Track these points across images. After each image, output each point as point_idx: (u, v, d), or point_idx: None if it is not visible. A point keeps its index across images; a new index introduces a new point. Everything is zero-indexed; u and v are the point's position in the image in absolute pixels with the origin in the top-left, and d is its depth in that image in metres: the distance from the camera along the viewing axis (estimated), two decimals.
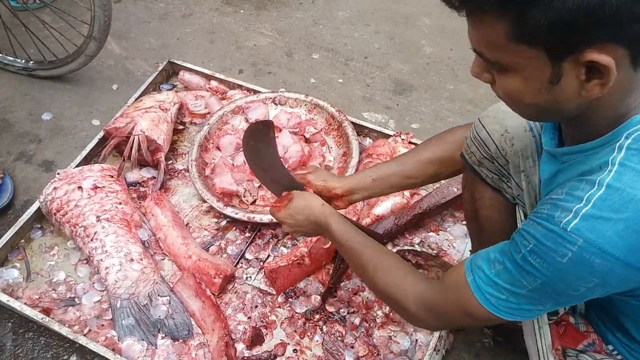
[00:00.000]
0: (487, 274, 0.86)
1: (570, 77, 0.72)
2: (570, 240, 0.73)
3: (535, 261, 0.77)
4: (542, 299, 0.82)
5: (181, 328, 1.47)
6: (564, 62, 0.70)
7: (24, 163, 1.93)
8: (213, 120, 1.91)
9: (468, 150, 1.18)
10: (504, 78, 0.77)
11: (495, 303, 0.86)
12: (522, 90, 0.77)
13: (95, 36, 1.94)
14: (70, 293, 1.55)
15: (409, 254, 1.55)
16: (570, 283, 0.76)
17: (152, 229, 1.66)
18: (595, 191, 0.73)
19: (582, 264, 0.73)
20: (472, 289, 0.88)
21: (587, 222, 0.72)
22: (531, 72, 0.73)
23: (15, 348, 1.49)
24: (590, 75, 0.71)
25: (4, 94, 2.16)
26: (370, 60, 2.36)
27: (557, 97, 0.75)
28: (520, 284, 0.81)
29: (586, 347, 1.07)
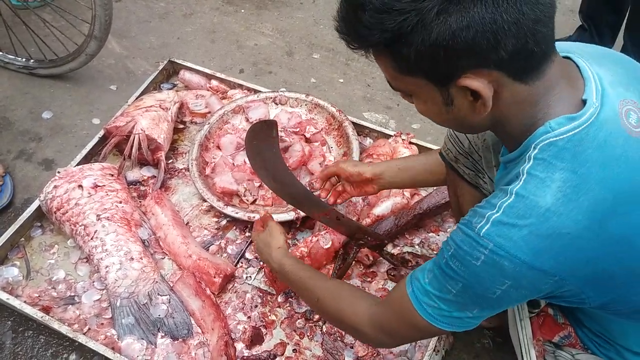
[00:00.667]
0: (421, 283, 0.91)
1: (460, 99, 0.80)
2: (482, 244, 0.78)
3: (455, 265, 0.83)
4: (466, 304, 0.86)
5: (181, 327, 1.47)
6: (450, 88, 0.78)
7: (24, 161, 1.93)
8: (213, 120, 1.91)
9: (445, 147, 1.22)
10: (415, 102, 0.87)
11: (431, 312, 0.90)
12: (427, 111, 0.86)
13: (96, 35, 1.94)
14: (70, 291, 1.55)
15: (409, 255, 1.56)
16: (486, 285, 0.81)
17: (152, 228, 1.66)
18: (507, 199, 0.79)
19: (494, 267, 0.78)
20: (411, 299, 0.92)
21: (496, 228, 0.78)
22: (426, 97, 0.83)
23: (14, 346, 1.49)
24: (476, 97, 0.78)
25: (4, 92, 2.16)
26: (371, 60, 2.35)
27: (457, 116, 0.83)
28: (446, 289, 0.86)
29: (562, 340, 1.09)
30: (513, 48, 0.73)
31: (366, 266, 1.60)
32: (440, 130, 2.07)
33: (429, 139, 1.99)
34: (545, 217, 0.76)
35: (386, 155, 1.79)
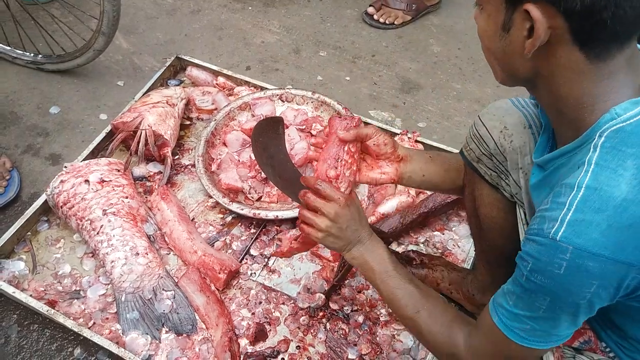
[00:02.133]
0: (507, 309, 0.87)
1: (517, 28, 0.77)
2: (561, 249, 0.74)
3: (537, 279, 0.78)
4: (558, 317, 0.82)
5: (185, 323, 1.47)
6: (515, 11, 0.76)
7: (32, 156, 1.94)
8: (220, 116, 1.91)
9: (467, 147, 1.19)
10: (480, 15, 0.85)
11: (525, 335, 0.86)
12: (484, 29, 0.84)
13: (103, 31, 1.95)
14: (75, 286, 1.56)
15: (414, 254, 1.55)
16: (575, 292, 0.77)
17: (157, 223, 1.66)
18: (576, 193, 0.74)
19: (579, 270, 0.74)
20: (501, 328, 0.88)
21: (572, 228, 0.74)
22: (492, 11, 0.81)
23: (20, 339, 1.50)
24: (531, 34, 0.75)
25: (12, 87, 2.17)
26: (378, 59, 2.36)
27: (506, 48, 0.81)
28: (534, 306, 0.82)
29: (582, 345, 1.08)
30: (590, 4, 0.70)
31: None
32: (446, 129, 2.07)
33: (435, 138, 1.99)
34: (622, 207, 0.72)
35: None
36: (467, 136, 1.18)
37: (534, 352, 0.87)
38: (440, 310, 1.06)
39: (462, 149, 1.20)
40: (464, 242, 1.67)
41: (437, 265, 1.48)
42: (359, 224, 1.11)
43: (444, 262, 1.52)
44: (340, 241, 1.10)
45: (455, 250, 1.65)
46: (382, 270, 1.09)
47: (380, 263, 1.10)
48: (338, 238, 1.10)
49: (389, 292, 1.08)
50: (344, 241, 1.11)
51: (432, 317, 1.04)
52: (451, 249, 1.66)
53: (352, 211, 1.10)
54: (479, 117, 1.15)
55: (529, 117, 1.09)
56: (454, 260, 1.61)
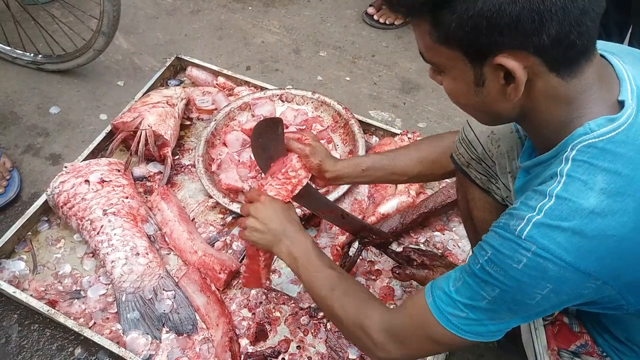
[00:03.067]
0: (446, 293, 0.87)
1: (492, 80, 0.77)
2: (524, 246, 0.75)
3: (492, 270, 0.79)
4: (500, 311, 0.83)
5: (185, 323, 1.47)
6: (484, 66, 0.76)
7: (32, 156, 1.94)
8: (220, 117, 1.91)
9: (457, 151, 1.20)
10: (443, 79, 0.84)
11: (456, 322, 0.86)
12: (455, 90, 0.84)
13: (104, 31, 1.95)
14: (76, 286, 1.56)
15: (414, 254, 1.55)
16: (526, 290, 0.78)
17: (158, 223, 1.66)
18: (547, 202, 0.76)
19: (536, 269, 0.75)
20: (432, 310, 0.88)
21: (539, 230, 0.75)
22: (457, 73, 0.80)
23: (20, 339, 1.50)
24: (509, 80, 0.76)
25: (12, 87, 2.17)
26: (378, 59, 2.36)
27: (485, 100, 0.81)
28: (479, 295, 0.83)
29: (579, 348, 1.08)
30: (556, 34, 0.71)
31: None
32: (446, 129, 2.07)
33: None
34: (589, 218, 0.74)
35: None
36: (456, 141, 1.20)
37: (455, 340, 0.88)
38: (356, 288, 1.07)
39: (452, 153, 1.22)
40: (464, 242, 1.67)
41: (438, 266, 1.48)
42: (284, 219, 1.17)
43: (445, 262, 1.52)
44: (266, 235, 1.18)
45: (455, 251, 1.66)
46: (303, 258, 1.13)
47: (304, 251, 1.14)
48: (263, 233, 1.18)
49: (308, 276, 1.12)
50: (270, 234, 1.17)
51: (347, 294, 1.05)
52: (451, 249, 1.66)
53: (275, 207, 1.19)
54: (467, 121, 1.16)
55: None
56: (454, 260, 1.61)
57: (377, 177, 1.32)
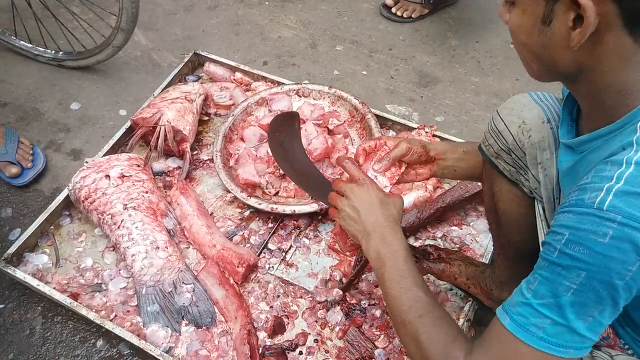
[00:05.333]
0: (523, 303, 0.79)
1: (559, 21, 0.74)
2: (608, 217, 0.69)
3: (574, 251, 0.72)
4: (588, 303, 0.74)
5: (204, 315, 1.49)
6: (557, 3, 0.73)
7: (53, 151, 1.97)
8: (237, 112, 1.93)
9: (486, 142, 1.17)
10: (511, 13, 0.81)
11: (543, 335, 0.77)
12: (519, 25, 0.80)
13: (123, 27, 1.97)
14: (97, 279, 1.59)
15: (431, 248, 1.55)
16: (615, 267, 0.71)
17: (177, 217, 1.68)
18: (625, 169, 0.71)
19: (626, 241, 0.69)
20: (512, 330, 0.79)
21: (622, 199, 0.69)
22: (527, 6, 0.77)
23: (44, 331, 1.53)
24: (578, 24, 0.72)
25: (34, 83, 2.20)
26: (395, 52, 2.35)
27: (547, 42, 0.77)
28: (563, 287, 0.74)
29: (600, 341, 1.06)
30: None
31: None
32: (464, 123, 2.06)
33: (453, 132, 1.98)
34: None
35: None
36: (485, 131, 1.18)
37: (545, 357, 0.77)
38: (447, 321, 0.94)
39: (481, 144, 1.20)
40: (482, 237, 1.66)
41: (455, 260, 1.47)
42: (381, 213, 1.05)
43: (461, 256, 1.51)
44: (357, 224, 1.06)
45: (473, 245, 1.65)
46: (393, 267, 1.01)
47: (394, 260, 1.02)
48: (355, 221, 1.07)
49: (394, 290, 0.99)
50: (361, 225, 1.06)
51: (436, 326, 0.93)
52: (469, 243, 1.65)
53: (372, 196, 1.06)
54: (497, 112, 1.14)
55: (547, 111, 1.08)
56: (472, 255, 1.61)
57: (471, 164, 1.24)
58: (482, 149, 1.19)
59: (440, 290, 1.56)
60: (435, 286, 1.56)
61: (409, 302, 0.96)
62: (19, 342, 1.51)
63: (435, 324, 0.93)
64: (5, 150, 1.83)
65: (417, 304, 0.96)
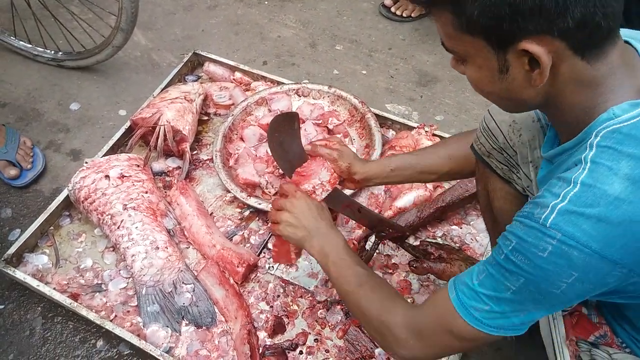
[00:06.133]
0: (470, 286, 0.87)
1: (516, 67, 0.77)
2: (549, 234, 0.75)
3: (517, 259, 0.78)
4: (524, 302, 0.82)
5: (205, 315, 1.49)
6: (508, 53, 0.76)
7: (53, 152, 1.97)
8: (237, 112, 1.92)
9: (478, 141, 1.19)
10: (466, 68, 0.84)
11: (479, 316, 0.85)
12: (478, 79, 0.83)
13: (122, 27, 1.97)
14: (97, 279, 1.59)
15: (431, 247, 1.55)
16: (551, 279, 0.77)
17: (177, 217, 1.68)
18: (571, 188, 0.75)
19: (562, 257, 0.74)
20: (455, 305, 0.88)
21: (563, 217, 0.74)
22: (481, 61, 0.80)
23: (44, 331, 1.53)
24: (533, 66, 0.75)
25: (33, 84, 2.20)
26: (394, 52, 2.35)
27: (510, 86, 0.80)
28: (503, 286, 0.82)
29: (598, 339, 1.07)
30: (580, 17, 0.70)
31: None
32: (464, 122, 2.06)
33: (453, 131, 1.98)
34: (614, 205, 0.72)
35: (409, 147, 1.78)
36: (477, 130, 1.19)
37: (478, 335, 0.87)
38: (383, 286, 1.06)
39: (473, 143, 1.21)
40: (482, 236, 1.66)
41: (455, 259, 1.47)
42: (318, 216, 1.18)
43: (462, 255, 1.51)
44: (299, 231, 1.17)
45: (473, 244, 1.65)
46: (334, 254, 1.13)
47: (335, 248, 1.14)
48: (296, 227, 1.18)
49: (338, 271, 1.11)
50: (303, 231, 1.17)
51: (374, 291, 1.04)
52: (469, 242, 1.65)
53: (309, 204, 1.19)
54: (488, 111, 1.16)
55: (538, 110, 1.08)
56: (472, 254, 1.61)
57: (405, 176, 1.32)
58: (474, 148, 1.21)
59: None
60: (436, 285, 1.56)
61: (350, 277, 1.09)
62: (19, 342, 1.51)
63: (374, 289, 1.05)
64: (6, 150, 1.83)
65: (357, 277, 1.08)
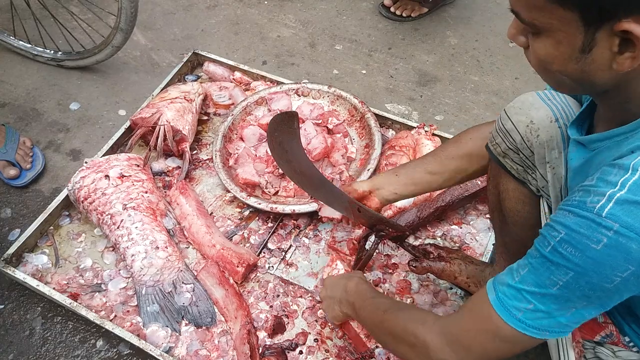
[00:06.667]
0: (510, 285, 0.82)
1: (602, 47, 0.71)
2: (605, 225, 0.70)
3: (566, 251, 0.74)
4: (573, 299, 0.77)
5: (204, 315, 1.49)
6: (598, 31, 0.69)
7: (53, 152, 1.97)
8: (237, 111, 1.92)
9: (493, 141, 1.18)
10: (537, 41, 0.76)
11: (521, 317, 0.81)
12: (552, 55, 0.75)
13: (122, 27, 1.97)
14: (97, 279, 1.59)
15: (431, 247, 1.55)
16: (605, 273, 0.72)
17: (177, 217, 1.68)
18: (630, 176, 0.71)
19: (618, 250, 0.70)
20: (495, 306, 0.83)
21: (622, 207, 0.69)
22: (563, 36, 0.72)
23: (44, 331, 1.53)
24: (623, 48, 0.69)
25: (33, 84, 2.20)
26: (394, 51, 2.35)
27: (586, 68, 0.74)
28: (550, 281, 0.77)
29: (603, 339, 1.07)
30: None
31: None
32: (463, 122, 2.06)
33: (452, 131, 1.98)
34: None
35: (408, 146, 1.78)
36: (492, 130, 1.17)
37: (521, 339, 0.82)
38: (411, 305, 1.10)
39: (488, 143, 1.20)
40: (481, 235, 1.66)
41: (455, 259, 1.47)
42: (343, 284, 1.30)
43: (461, 255, 1.51)
44: (331, 302, 1.34)
45: (473, 244, 1.65)
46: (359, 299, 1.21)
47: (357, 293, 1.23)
48: (331, 298, 1.34)
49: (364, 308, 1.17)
50: (333, 300, 1.32)
51: (401, 310, 1.04)
52: (469, 242, 1.65)
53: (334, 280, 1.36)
54: (504, 111, 1.14)
55: (555, 110, 1.07)
56: (472, 254, 1.60)
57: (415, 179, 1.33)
58: (489, 148, 1.19)
59: (440, 289, 1.56)
60: (435, 285, 1.56)
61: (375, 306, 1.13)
62: (19, 342, 1.51)
63: (402, 309, 1.05)
64: (6, 150, 1.83)
65: (381, 304, 1.11)
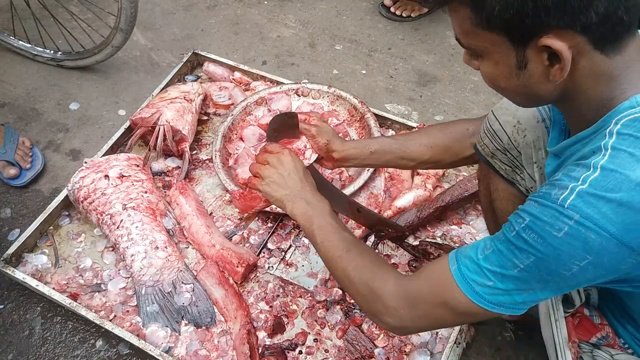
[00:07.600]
0: (474, 260, 0.85)
1: (535, 62, 0.77)
2: (567, 215, 0.73)
3: (529, 237, 0.77)
4: (530, 281, 0.80)
5: (204, 315, 1.49)
6: (527, 49, 0.75)
7: (52, 152, 1.97)
8: (237, 112, 1.92)
9: (481, 142, 1.19)
10: (482, 63, 0.83)
11: (480, 291, 0.83)
12: (495, 74, 0.82)
13: (121, 27, 1.97)
14: (96, 279, 1.59)
15: (431, 247, 1.55)
16: (563, 260, 0.75)
17: (176, 217, 1.68)
18: (591, 173, 0.74)
19: (577, 239, 0.73)
20: (455, 277, 0.86)
21: (583, 199, 0.73)
22: (498, 57, 0.79)
23: (44, 331, 1.53)
24: (553, 61, 0.75)
25: (33, 84, 2.20)
26: (394, 51, 2.35)
27: (527, 82, 0.80)
28: (511, 263, 0.80)
29: (600, 340, 1.07)
30: (604, 11, 0.70)
31: None
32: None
33: None
34: (637, 190, 0.71)
35: None
36: (480, 131, 1.19)
37: (475, 310, 0.85)
38: (372, 253, 1.04)
39: (476, 143, 1.21)
40: (481, 235, 1.66)
41: None
42: (304, 178, 1.13)
43: None
44: (282, 189, 1.12)
45: None
46: (321, 219, 1.08)
47: (321, 212, 1.09)
48: (280, 185, 1.12)
49: (324, 236, 1.06)
50: (286, 189, 1.12)
51: (363, 256, 1.01)
52: (469, 242, 1.65)
53: (296, 163, 1.14)
54: (492, 111, 1.15)
55: (542, 110, 1.09)
56: None
57: (385, 160, 1.31)
58: (477, 148, 1.21)
59: None
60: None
61: (336, 241, 1.05)
62: (19, 342, 1.51)
63: (363, 255, 1.02)
64: (5, 150, 1.83)
65: (344, 242, 1.04)
